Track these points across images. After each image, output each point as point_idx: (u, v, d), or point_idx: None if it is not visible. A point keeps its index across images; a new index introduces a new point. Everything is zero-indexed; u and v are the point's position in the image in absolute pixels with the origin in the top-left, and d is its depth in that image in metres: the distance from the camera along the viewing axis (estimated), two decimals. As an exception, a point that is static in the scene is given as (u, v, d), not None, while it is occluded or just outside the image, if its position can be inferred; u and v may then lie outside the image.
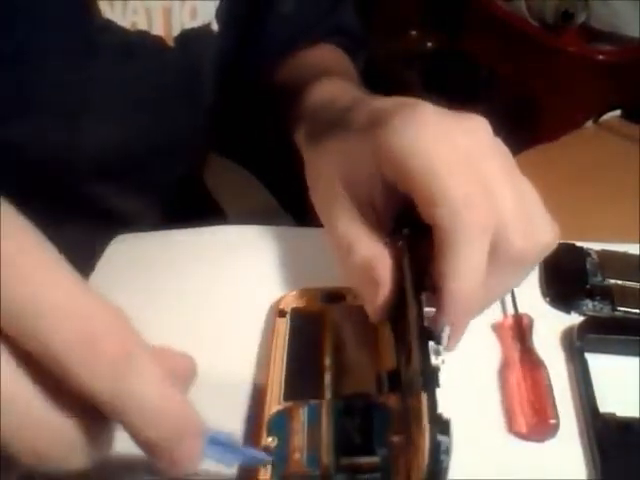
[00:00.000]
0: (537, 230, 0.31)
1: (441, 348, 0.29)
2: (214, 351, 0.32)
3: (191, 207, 0.58)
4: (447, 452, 0.25)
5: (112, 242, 0.43)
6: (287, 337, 0.36)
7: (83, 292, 0.20)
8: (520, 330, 0.36)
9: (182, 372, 0.24)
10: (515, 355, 0.35)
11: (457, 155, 0.31)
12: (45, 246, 0.21)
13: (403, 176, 0.31)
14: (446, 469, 0.26)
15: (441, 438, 0.25)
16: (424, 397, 0.27)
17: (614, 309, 0.39)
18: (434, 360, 0.28)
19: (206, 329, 0.38)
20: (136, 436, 0.21)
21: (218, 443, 0.25)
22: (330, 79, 0.45)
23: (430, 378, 0.27)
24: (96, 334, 0.20)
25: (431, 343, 0.29)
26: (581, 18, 1.26)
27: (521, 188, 0.32)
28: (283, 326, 0.37)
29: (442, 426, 0.26)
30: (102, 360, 0.20)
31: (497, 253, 0.31)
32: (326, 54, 0.56)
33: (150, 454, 0.22)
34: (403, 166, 0.31)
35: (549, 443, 0.32)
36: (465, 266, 0.30)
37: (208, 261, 0.41)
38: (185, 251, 0.43)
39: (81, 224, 0.46)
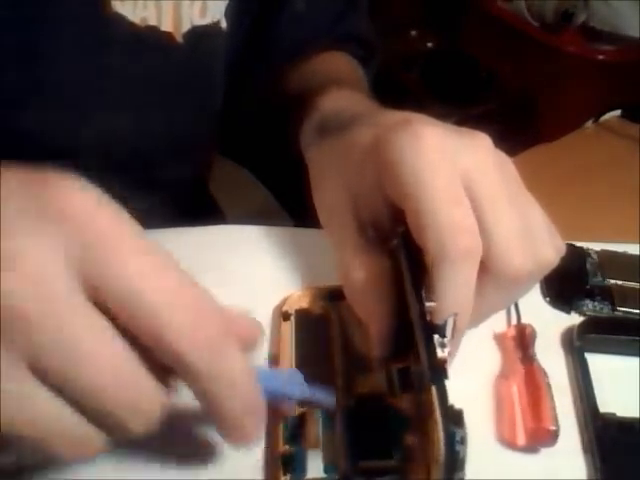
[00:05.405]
0: (537, 248, 0.31)
1: (446, 340, 0.29)
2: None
3: (191, 207, 0.58)
4: (462, 442, 0.26)
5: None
6: (294, 341, 0.35)
7: (193, 286, 0.26)
8: (522, 340, 0.36)
9: (248, 337, 0.28)
10: (516, 365, 0.35)
11: (453, 176, 0.31)
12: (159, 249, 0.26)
13: (399, 195, 0.32)
14: (463, 459, 0.26)
15: (454, 429, 0.26)
16: (434, 390, 0.27)
17: (614, 309, 0.39)
18: (440, 353, 0.28)
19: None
20: (218, 406, 0.25)
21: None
22: (340, 89, 0.45)
23: (438, 371, 0.28)
24: (203, 320, 0.25)
25: (436, 336, 0.29)
26: (581, 18, 1.27)
27: (522, 206, 0.32)
28: (288, 330, 0.36)
29: (454, 417, 0.26)
30: (203, 338, 0.24)
31: (494, 271, 0.31)
32: (337, 62, 0.56)
33: (225, 428, 0.26)
34: (399, 186, 0.31)
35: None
36: (449, 289, 0.30)
37: (208, 261, 0.41)
38: (184, 251, 0.42)
39: None
